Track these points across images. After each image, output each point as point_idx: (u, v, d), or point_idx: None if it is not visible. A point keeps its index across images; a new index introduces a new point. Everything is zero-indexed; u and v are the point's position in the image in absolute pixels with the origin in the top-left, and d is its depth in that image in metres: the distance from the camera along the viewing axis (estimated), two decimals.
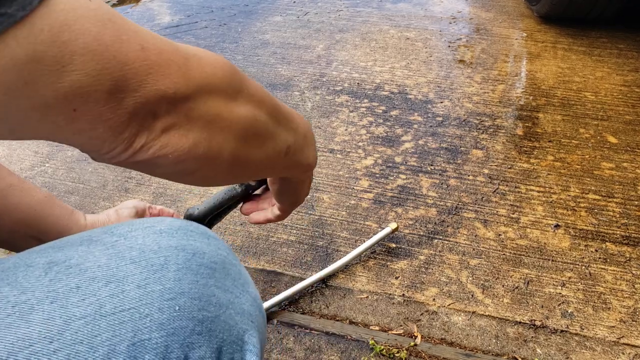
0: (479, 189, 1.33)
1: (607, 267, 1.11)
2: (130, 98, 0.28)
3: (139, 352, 0.30)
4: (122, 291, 0.31)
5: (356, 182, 1.36)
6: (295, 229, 1.22)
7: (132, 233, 0.36)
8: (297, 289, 1.03)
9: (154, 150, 0.31)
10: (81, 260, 0.33)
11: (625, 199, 1.29)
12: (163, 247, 0.35)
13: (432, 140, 1.52)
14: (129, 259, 0.33)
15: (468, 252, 1.15)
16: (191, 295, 0.33)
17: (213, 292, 0.35)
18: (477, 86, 1.80)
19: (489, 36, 2.17)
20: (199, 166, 0.34)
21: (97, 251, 0.34)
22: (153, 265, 0.33)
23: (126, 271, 0.33)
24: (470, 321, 1.00)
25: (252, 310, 0.38)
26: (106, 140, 0.29)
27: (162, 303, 0.32)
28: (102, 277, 0.32)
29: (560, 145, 1.49)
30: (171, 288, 0.33)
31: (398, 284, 1.08)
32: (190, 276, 0.34)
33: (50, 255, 0.34)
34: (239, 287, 0.38)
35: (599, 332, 0.98)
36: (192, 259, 0.35)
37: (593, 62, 1.93)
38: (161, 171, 0.34)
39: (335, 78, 1.85)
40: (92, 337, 0.29)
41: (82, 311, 0.30)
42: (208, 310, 0.33)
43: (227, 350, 0.34)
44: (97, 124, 0.28)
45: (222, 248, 0.40)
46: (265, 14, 2.41)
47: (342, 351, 0.95)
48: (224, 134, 0.34)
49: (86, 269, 0.32)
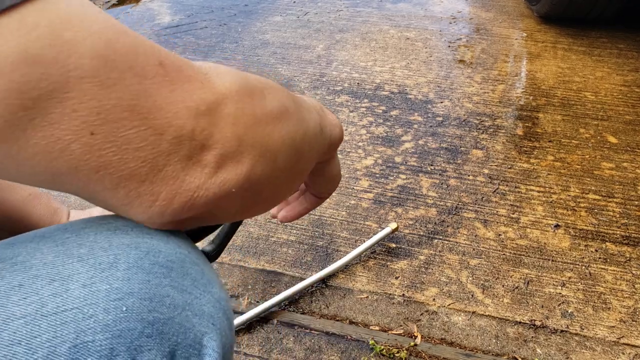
0: (479, 189, 1.33)
1: (607, 267, 1.11)
2: (162, 115, 0.25)
3: (81, 355, 0.28)
4: (65, 290, 0.30)
5: (356, 182, 1.36)
6: (295, 229, 1.22)
7: (85, 230, 0.34)
8: (297, 289, 1.03)
9: (215, 189, 0.28)
10: (28, 257, 0.31)
11: (625, 199, 1.29)
12: (114, 245, 0.33)
13: (432, 140, 1.52)
14: (76, 257, 0.32)
15: (468, 252, 1.15)
16: (141, 295, 0.31)
17: (167, 292, 0.33)
18: (477, 86, 1.80)
19: (489, 36, 2.18)
20: (261, 187, 0.32)
21: (45, 248, 0.32)
22: (101, 263, 0.31)
23: (72, 269, 0.31)
24: (470, 321, 1.00)
25: (214, 312, 0.36)
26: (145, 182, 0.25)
27: (108, 303, 0.30)
28: (46, 275, 0.30)
29: (561, 145, 1.49)
30: (119, 288, 0.31)
31: (398, 284, 1.08)
32: (141, 275, 0.32)
33: (0, 252, 0.32)
34: (200, 287, 0.36)
35: (599, 332, 0.98)
36: (146, 258, 0.33)
37: (593, 62, 1.93)
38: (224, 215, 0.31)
39: (335, 78, 1.85)
40: (32, 338, 0.28)
41: (22, 310, 0.28)
42: (160, 312, 0.32)
43: (181, 354, 0.32)
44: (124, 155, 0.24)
45: (183, 246, 0.37)
46: (265, 14, 2.41)
47: (342, 351, 0.95)
48: (269, 133, 0.32)
49: (31, 266, 0.30)
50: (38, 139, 0.23)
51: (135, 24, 2.27)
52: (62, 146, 0.23)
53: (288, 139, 0.34)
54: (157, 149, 0.25)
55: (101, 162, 0.24)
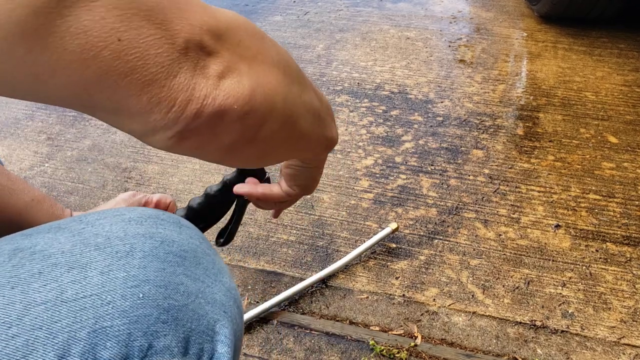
0: (479, 189, 1.33)
1: (607, 267, 1.11)
2: (172, 27, 0.28)
3: (99, 339, 0.30)
4: (84, 277, 0.31)
5: (356, 182, 1.36)
6: (295, 229, 1.21)
7: (100, 221, 0.35)
8: (297, 289, 1.03)
9: (220, 100, 0.30)
10: (46, 246, 0.32)
11: (625, 199, 1.29)
12: (130, 235, 0.34)
13: (433, 140, 1.52)
14: (94, 246, 0.33)
15: (468, 252, 1.15)
16: (156, 283, 0.32)
17: (181, 280, 0.34)
18: (478, 86, 1.80)
19: (489, 36, 2.17)
20: (260, 121, 0.33)
21: (62, 238, 0.33)
22: (118, 252, 0.33)
23: (90, 257, 0.32)
24: (470, 321, 1.00)
25: (225, 300, 0.37)
26: (164, 87, 0.28)
27: (125, 290, 0.31)
28: (65, 263, 0.31)
29: (561, 145, 1.49)
30: (135, 275, 0.32)
31: (398, 284, 1.08)
32: (157, 264, 0.33)
33: (17, 242, 0.33)
34: (211, 276, 0.37)
35: (599, 333, 0.98)
36: (160, 247, 0.35)
37: (593, 62, 1.93)
38: (229, 139, 0.32)
39: (335, 78, 1.85)
40: (52, 323, 0.29)
41: (42, 297, 0.30)
42: (174, 299, 0.33)
43: (195, 340, 0.33)
44: (147, 60, 0.27)
45: (194, 237, 0.39)
46: (265, 13, 2.41)
47: (342, 351, 0.95)
48: (271, 72, 0.34)
49: (50, 255, 0.32)
50: (75, 47, 0.25)
51: None
52: (95, 52, 0.25)
53: (282, 90, 0.35)
54: (171, 56, 0.27)
55: (128, 67, 0.26)
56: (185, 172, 1.40)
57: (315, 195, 1.31)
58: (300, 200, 1.29)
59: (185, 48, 0.28)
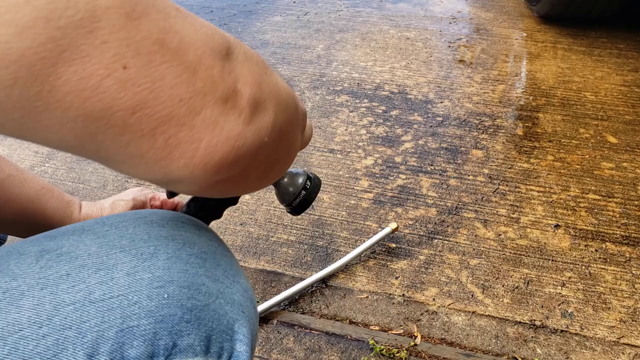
0: (479, 189, 1.33)
1: (607, 267, 1.11)
2: (190, 53, 0.24)
3: (127, 339, 0.30)
4: (111, 278, 0.32)
5: (356, 182, 1.36)
6: (295, 229, 1.22)
7: (123, 223, 0.36)
8: (297, 289, 1.03)
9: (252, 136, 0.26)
10: (72, 248, 0.33)
11: (625, 198, 1.29)
12: (153, 237, 0.35)
13: (432, 140, 1.52)
14: (119, 248, 0.34)
15: (468, 252, 1.15)
16: (180, 283, 0.33)
17: (203, 281, 0.35)
18: (477, 86, 1.80)
19: (489, 36, 2.18)
20: (282, 139, 0.30)
21: (87, 240, 0.34)
22: (142, 254, 0.34)
23: (116, 259, 0.33)
24: (470, 321, 1.00)
25: (243, 301, 0.38)
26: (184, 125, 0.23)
27: (150, 291, 0.32)
28: (92, 265, 0.32)
29: (560, 145, 1.49)
30: (160, 276, 0.33)
31: (398, 284, 1.08)
32: (180, 265, 0.34)
33: (43, 243, 0.34)
34: (230, 277, 0.38)
35: (599, 332, 0.98)
36: (182, 249, 0.35)
37: (593, 62, 1.93)
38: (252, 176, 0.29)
39: (335, 78, 1.85)
40: (81, 323, 0.30)
41: (71, 297, 0.30)
42: (197, 299, 0.34)
43: (216, 339, 0.34)
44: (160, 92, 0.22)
45: (213, 239, 0.40)
46: (265, 14, 2.41)
47: (342, 351, 0.95)
48: (274, 82, 0.31)
49: (76, 256, 0.32)
50: (70, 75, 0.21)
51: None
52: (94, 82, 0.21)
53: (284, 89, 0.32)
54: (193, 88, 0.23)
55: (137, 100, 0.22)
56: None
57: None
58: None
59: (210, 80, 0.24)
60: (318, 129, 1.58)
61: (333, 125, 1.59)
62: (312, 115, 1.64)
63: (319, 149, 1.48)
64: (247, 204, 1.28)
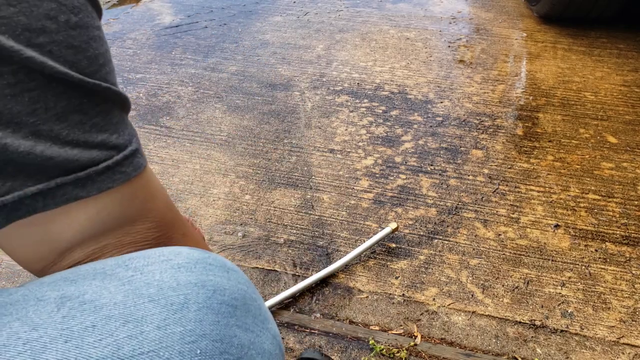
0: (478, 189, 1.33)
1: (607, 267, 1.11)
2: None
3: None
4: (140, 332, 0.30)
5: (356, 182, 1.36)
6: (295, 229, 1.22)
7: (148, 267, 0.34)
8: (297, 289, 1.04)
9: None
10: (95, 296, 0.31)
11: (625, 198, 1.29)
12: (182, 284, 0.33)
13: (432, 140, 1.52)
14: (147, 297, 0.32)
15: (468, 252, 1.15)
16: (213, 337, 0.32)
17: (234, 332, 0.33)
18: (477, 86, 1.80)
19: (489, 36, 2.18)
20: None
21: (112, 287, 0.32)
22: (173, 304, 0.32)
23: (144, 310, 0.31)
24: (470, 321, 1.00)
25: (272, 349, 0.37)
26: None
27: (182, 346, 0.30)
28: (119, 316, 0.30)
29: (560, 145, 1.49)
30: (192, 330, 0.31)
31: (398, 284, 1.08)
32: (212, 316, 0.32)
33: (62, 288, 0.32)
34: (259, 324, 0.37)
35: (598, 332, 0.98)
36: (213, 297, 0.34)
37: (593, 62, 1.94)
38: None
39: (335, 78, 1.85)
40: None
41: (98, 353, 0.28)
42: (230, 353, 0.32)
43: None
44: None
45: (242, 282, 0.38)
46: (265, 14, 2.41)
47: (342, 351, 0.95)
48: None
49: (101, 306, 0.31)
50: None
51: (136, 24, 2.27)
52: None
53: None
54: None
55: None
56: (185, 172, 1.40)
57: (315, 195, 1.31)
58: (300, 200, 1.29)
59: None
60: (318, 129, 1.58)
61: (333, 126, 1.59)
62: (312, 115, 1.64)
63: (319, 149, 1.48)
64: (247, 204, 1.28)
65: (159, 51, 2.04)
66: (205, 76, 1.86)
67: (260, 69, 1.92)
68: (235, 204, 1.29)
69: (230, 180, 1.37)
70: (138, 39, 2.14)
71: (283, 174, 1.39)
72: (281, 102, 1.72)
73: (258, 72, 1.90)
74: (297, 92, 1.77)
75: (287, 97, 1.74)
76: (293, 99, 1.73)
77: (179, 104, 1.69)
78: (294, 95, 1.75)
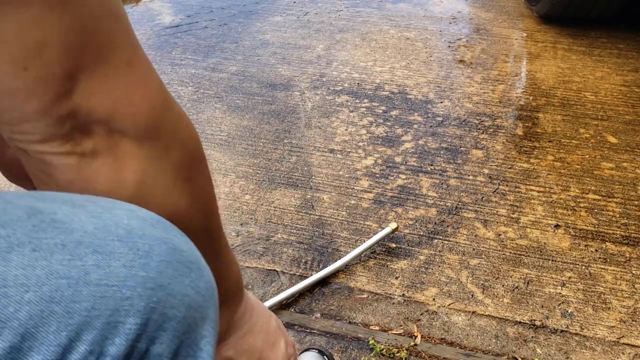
0: (479, 189, 1.33)
1: (607, 267, 1.11)
2: None
3: (110, 333, 0.29)
4: (108, 265, 0.30)
5: (356, 182, 1.36)
6: (295, 228, 1.22)
7: (115, 211, 0.35)
8: (297, 289, 1.04)
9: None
10: (67, 219, 0.31)
11: (625, 198, 1.29)
12: (147, 235, 0.34)
13: (432, 140, 1.52)
14: (116, 236, 0.32)
15: (468, 252, 1.15)
16: (168, 290, 0.33)
17: (187, 292, 0.34)
18: (477, 86, 1.80)
19: (489, 36, 2.18)
20: None
21: (82, 216, 0.32)
22: (139, 249, 0.32)
23: (113, 247, 0.31)
24: (470, 321, 1.00)
25: (215, 317, 0.38)
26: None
27: (144, 291, 0.31)
28: (89, 244, 0.30)
29: (560, 145, 1.49)
30: (153, 278, 0.32)
31: (398, 284, 1.08)
32: (170, 271, 0.33)
33: (31, 201, 0.31)
34: (210, 290, 0.38)
35: (599, 332, 0.98)
36: (173, 254, 0.34)
37: (593, 62, 1.94)
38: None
39: (335, 78, 1.85)
40: (72, 302, 0.28)
41: (66, 271, 0.28)
42: (178, 310, 0.33)
43: (181, 353, 0.34)
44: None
45: (196, 250, 0.39)
46: (265, 14, 2.41)
47: (342, 351, 0.95)
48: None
49: (72, 230, 0.30)
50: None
51: (136, 23, 2.27)
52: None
53: None
54: None
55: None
56: None
57: (315, 195, 1.31)
58: (300, 200, 1.29)
59: None
60: (318, 129, 1.58)
61: (333, 126, 1.59)
62: (312, 115, 1.64)
63: (319, 149, 1.48)
64: (247, 204, 1.28)
65: (159, 51, 2.04)
66: (205, 76, 1.86)
67: (260, 69, 1.92)
68: (235, 204, 1.29)
69: (230, 180, 1.37)
70: (138, 38, 2.14)
71: (283, 174, 1.39)
72: (281, 102, 1.72)
73: (258, 72, 1.90)
74: (297, 92, 1.77)
75: (287, 97, 1.74)
76: (293, 99, 1.73)
77: (179, 104, 1.69)
78: (294, 95, 1.75)
